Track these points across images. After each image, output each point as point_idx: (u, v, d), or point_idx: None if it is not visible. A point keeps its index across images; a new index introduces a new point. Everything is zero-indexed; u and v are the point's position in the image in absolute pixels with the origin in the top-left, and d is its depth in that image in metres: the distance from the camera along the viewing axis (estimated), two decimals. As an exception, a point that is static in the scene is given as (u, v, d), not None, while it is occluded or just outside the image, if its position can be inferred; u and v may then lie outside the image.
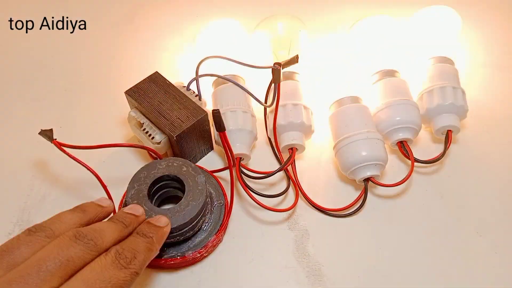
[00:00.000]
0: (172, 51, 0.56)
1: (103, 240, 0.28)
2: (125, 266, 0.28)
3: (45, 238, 0.28)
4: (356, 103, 0.45)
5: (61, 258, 0.26)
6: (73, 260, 0.26)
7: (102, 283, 0.26)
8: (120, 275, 0.27)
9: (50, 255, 0.26)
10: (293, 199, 0.43)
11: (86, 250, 0.27)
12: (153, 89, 0.43)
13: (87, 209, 0.32)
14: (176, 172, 0.37)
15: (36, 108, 0.51)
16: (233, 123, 0.43)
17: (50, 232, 0.28)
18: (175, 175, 0.37)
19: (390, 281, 0.39)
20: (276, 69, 0.37)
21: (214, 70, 0.48)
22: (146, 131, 0.42)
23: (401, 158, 0.46)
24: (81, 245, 0.27)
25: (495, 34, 0.57)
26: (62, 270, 0.26)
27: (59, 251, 0.26)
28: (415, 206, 0.43)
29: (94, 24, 0.59)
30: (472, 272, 0.39)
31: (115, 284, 0.27)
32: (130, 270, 0.28)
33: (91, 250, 0.27)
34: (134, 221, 0.32)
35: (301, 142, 0.44)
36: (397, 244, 0.41)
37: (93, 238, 0.28)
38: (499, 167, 0.46)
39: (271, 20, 0.50)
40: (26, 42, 0.58)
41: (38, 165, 0.46)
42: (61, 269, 0.26)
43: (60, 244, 0.27)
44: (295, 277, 0.39)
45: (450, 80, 0.46)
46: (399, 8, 0.57)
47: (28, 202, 0.43)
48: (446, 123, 0.44)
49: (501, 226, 0.42)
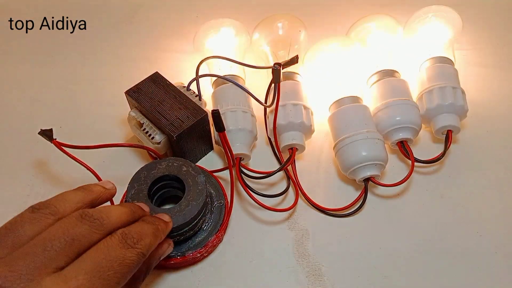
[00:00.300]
0: (172, 51, 0.56)
1: (109, 220, 0.28)
2: (132, 246, 0.28)
3: (49, 215, 0.27)
4: (356, 103, 0.45)
5: (67, 238, 0.26)
6: (79, 240, 0.26)
7: (108, 262, 0.26)
8: (127, 254, 0.27)
9: (56, 234, 0.26)
10: (293, 199, 0.43)
11: (92, 230, 0.27)
12: (153, 89, 0.43)
13: (90, 188, 0.32)
14: (176, 172, 0.37)
15: (36, 108, 0.51)
16: (233, 123, 0.43)
17: (54, 209, 0.28)
18: (175, 175, 0.37)
19: (390, 281, 0.39)
20: (276, 69, 0.37)
21: (214, 70, 0.48)
22: (146, 131, 0.42)
23: (401, 158, 0.46)
24: (87, 224, 0.27)
25: (495, 34, 0.58)
26: (68, 249, 0.26)
27: (65, 231, 0.26)
28: (415, 206, 0.43)
29: (94, 24, 0.59)
30: (472, 272, 0.39)
31: (122, 263, 0.26)
32: (137, 250, 0.28)
33: (98, 230, 0.27)
34: (140, 210, 0.32)
35: (301, 142, 0.44)
36: (397, 244, 0.41)
37: (99, 218, 0.28)
38: (499, 167, 0.46)
39: (271, 20, 0.50)
40: (26, 42, 0.58)
41: (38, 165, 0.46)
42: (68, 248, 0.26)
43: (66, 223, 0.27)
44: (295, 277, 0.39)
45: (450, 80, 0.46)
46: (399, 8, 0.57)
47: (28, 202, 0.43)
48: (446, 123, 0.44)
49: (501, 226, 0.42)
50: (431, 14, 0.50)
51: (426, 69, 0.47)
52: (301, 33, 0.50)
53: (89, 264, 0.25)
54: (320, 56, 0.48)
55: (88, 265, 0.25)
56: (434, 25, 0.50)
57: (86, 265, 0.25)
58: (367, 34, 0.50)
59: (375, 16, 0.50)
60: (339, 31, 0.54)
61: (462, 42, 0.56)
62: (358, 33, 0.50)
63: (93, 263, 0.26)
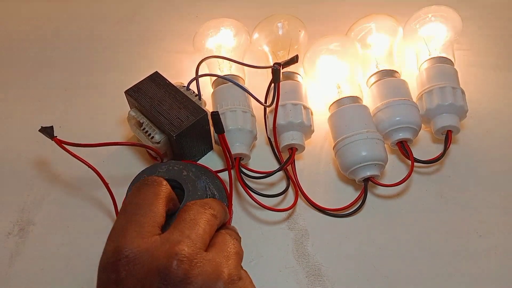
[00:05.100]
0: (172, 51, 0.56)
1: None
2: None
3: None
4: (356, 103, 0.45)
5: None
6: None
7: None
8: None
9: None
10: (292, 199, 0.43)
11: None
12: (153, 89, 0.43)
13: None
14: (176, 177, 0.37)
15: (36, 108, 0.51)
16: (233, 123, 0.43)
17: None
18: (175, 179, 0.37)
19: (390, 281, 0.39)
20: (276, 69, 0.37)
21: (214, 70, 0.48)
22: (145, 131, 0.42)
23: (401, 158, 0.46)
24: None
25: (495, 34, 0.58)
26: None
27: None
28: (415, 206, 0.43)
29: (94, 24, 0.59)
30: (472, 272, 0.39)
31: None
32: None
33: None
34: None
35: (301, 142, 0.44)
36: (397, 244, 0.41)
37: None
38: (499, 167, 0.46)
39: (271, 20, 0.50)
40: (26, 42, 0.58)
41: (38, 165, 0.46)
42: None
43: None
44: (294, 277, 0.39)
45: (449, 80, 0.46)
46: (399, 8, 0.57)
47: (28, 202, 0.43)
48: (446, 123, 0.44)
49: (501, 226, 0.42)
50: (431, 14, 0.50)
51: (426, 69, 0.47)
52: (301, 33, 0.50)
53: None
54: (320, 56, 0.48)
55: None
56: (434, 25, 0.50)
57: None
58: (367, 34, 0.50)
59: (375, 16, 0.50)
60: (339, 31, 0.54)
61: (462, 42, 0.56)
62: (358, 33, 0.50)
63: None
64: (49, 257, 0.40)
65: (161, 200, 0.30)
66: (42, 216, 0.43)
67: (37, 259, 0.40)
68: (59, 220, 0.42)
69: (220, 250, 0.30)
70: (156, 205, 0.30)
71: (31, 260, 0.40)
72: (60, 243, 0.41)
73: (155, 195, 0.31)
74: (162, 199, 0.31)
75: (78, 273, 0.39)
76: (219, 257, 0.29)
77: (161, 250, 0.27)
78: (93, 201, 0.43)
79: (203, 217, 0.30)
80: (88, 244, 0.41)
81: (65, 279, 0.39)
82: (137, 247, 0.27)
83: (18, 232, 0.42)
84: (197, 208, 0.31)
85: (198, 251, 0.28)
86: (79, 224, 0.42)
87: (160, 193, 0.31)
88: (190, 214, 0.30)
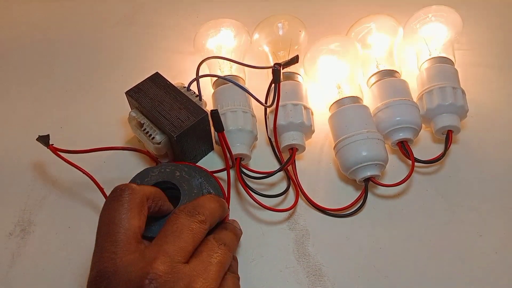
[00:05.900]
0: (172, 51, 0.56)
1: None
2: None
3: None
4: (356, 103, 0.45)
5: None
6: None
7: None
8: None
9: None
10: (293, 199, 0.43)
11: None
12: (154, 90, 0.43)
13: None
14: (170, 178, 0.37)
15: (36, 108, 0.51)
16: (234, 123, 0.43)
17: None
18: (168, 181, 0.37)
19: (390, 281, 0.39)
20: (276, 69, 0.37)
21: (214, 70, 0.48)
22: (146, 131, 0.42)
23: (401, 158, 0.46)
24: None
25: (495, 34, 0.58)
26: None
27: None
28: (415, 206, 0.43)
29: (94, 24, 0.59)
30: (472, 272, 0.39)
31: None
32: None
33: None
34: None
35: (301, 142, 0.44)
36: (397, 244, 0.41)
37: None
38: (499, 167, 0.46)
39: (271, 20, 0.50)
40: (26, 43, 0.58)
41: (39, 166, 0.46)
42: None
43: None
44: (295, 277, 0.39)
45: (450, 80, 0.46)
46: (399, 8, 0.57)
47: (29, 203, 0.44)
48: (447, 123, 0.44)
49: (501, 226, 0.42)
50: (431, 14, 0.50)
51: (426, 69, 0.47)
52: (301, 33, 0.50)
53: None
54: (320, 56, 0.48)
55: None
56: (434, 25, 0.50)
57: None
58: (367, 34, 0.50)
59: (375, 16, 0.50)
60: (339, 31, 0.54)
61: (462, 42, 0.56)
62: (358, 33, 0.50)
63: None
64: (50, 257, 0.40)
65: (132, 210, 0.30)
66: (43, 217, 0.43)
67: (38, 260, 0.40)
68: (60, 221, 0.42)
69: (201, 260, 0.30)
70: (128, 219, 0.29)
71: (33, 261, 0.40)
72: (61, 244, 0.41)
73: (125, 208, 0.30)
74: (134, 209, 0.30)
75: (79, 274, 0.39)
76: (197, 269, 0.29)
77: (137, 268, 0.27)
78: (93, 202, 0.43)
79: (188, 227, 0.30)
80: (89, 244, 0.40)
81: (66, 279, 0.39)
82: (114, 268, 0.28)
83: (19, 232, 0.42)
84: (183, 217, 0.31)
85: (174, 266, 0.28)
86: (80, 225, 0.42)
87: (131, 202, 0.30)
88: (173, 226, 0.30)
